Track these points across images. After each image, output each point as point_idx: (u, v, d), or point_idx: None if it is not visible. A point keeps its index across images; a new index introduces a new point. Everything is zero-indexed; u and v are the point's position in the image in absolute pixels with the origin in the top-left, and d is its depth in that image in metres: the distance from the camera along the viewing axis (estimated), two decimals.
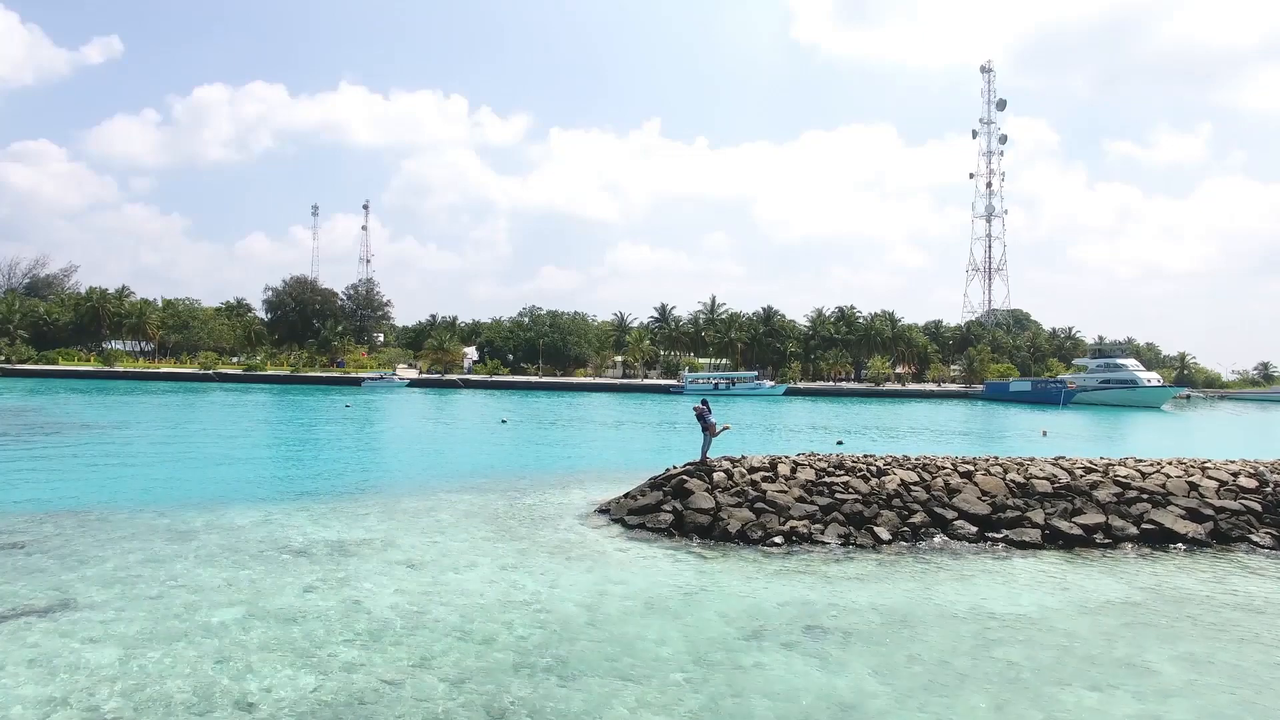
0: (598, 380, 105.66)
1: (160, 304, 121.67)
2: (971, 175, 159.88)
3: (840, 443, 35.74)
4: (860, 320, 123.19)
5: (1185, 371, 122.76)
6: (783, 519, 16.03)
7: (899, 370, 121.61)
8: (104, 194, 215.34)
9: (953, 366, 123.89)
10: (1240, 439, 47.58)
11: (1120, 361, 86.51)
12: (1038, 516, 16.22)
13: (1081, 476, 17.92)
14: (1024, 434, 47.31)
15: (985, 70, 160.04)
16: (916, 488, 17.35)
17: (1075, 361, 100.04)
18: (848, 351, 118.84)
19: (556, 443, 36.15)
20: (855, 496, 16.78)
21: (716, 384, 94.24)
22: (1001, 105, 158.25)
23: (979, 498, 16.98)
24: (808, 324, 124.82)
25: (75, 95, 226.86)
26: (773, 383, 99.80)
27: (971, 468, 18.52)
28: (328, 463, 26.78)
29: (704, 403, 18.69)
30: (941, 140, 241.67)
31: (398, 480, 22.78)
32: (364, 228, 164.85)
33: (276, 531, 15.40)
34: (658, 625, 10.37)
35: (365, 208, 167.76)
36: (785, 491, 17.00)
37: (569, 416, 53.89)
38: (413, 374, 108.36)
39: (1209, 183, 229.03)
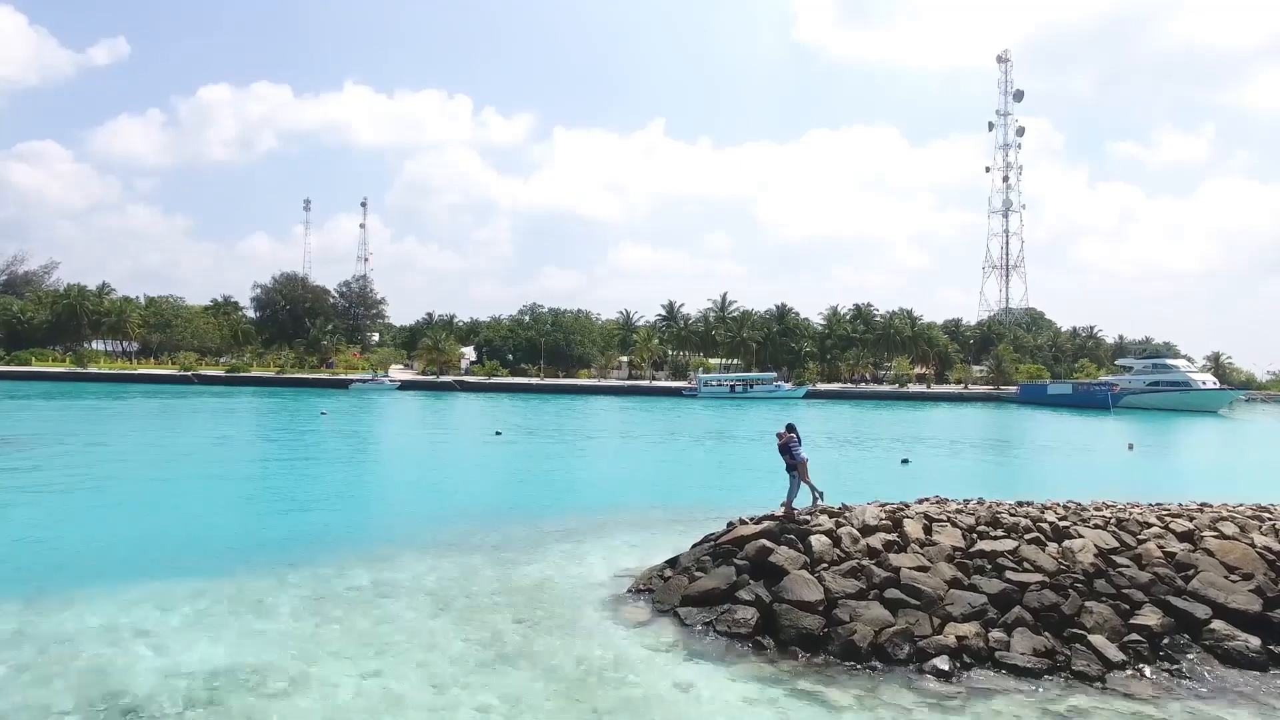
0: (602, 382, 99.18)
1: (143, 302, 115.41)
2: (987, 169, 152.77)
3: (906, 460, 29.75)
4: (878, 319, 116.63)
5: (1219, 372, 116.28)
6: (937, 619, 10.07)
7: (918, 371, 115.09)
8: (107, 194, 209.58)
9: (975, 367, 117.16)
10: None
11: (1170, 362, 79.82)
12: None
13: None
14: (1102, 446, 41.23)
15: (1002, 60, 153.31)
16: (1123, 561, 11.32)
17: (1119, 362, 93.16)
18: (865, 351, 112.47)
19: (560, 465, 30.00)
20: (1039, 578, 10.76)
21: (733, 386, 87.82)
22: (1019, 96, 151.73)
23: (1228, 578, 10.97)
24: (823, 323, 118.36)
25: (80, 96, 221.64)
26: (792, 384, 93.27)
27: (1188, 524, 12.48)
28: (263, 502, 20.58)
29: (790, 428, 12.61)
30: (944, 140, 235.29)
31: (347, 532, 16.60)
32: (362, 226, 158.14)
33: (115, 652, 9.41)
34: None
35: (363, 205, 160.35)
36: (927, 567, 11.02)
37: (573, 427, 47.74)
38: (406, 375, 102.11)
39: (1211, 183, 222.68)
